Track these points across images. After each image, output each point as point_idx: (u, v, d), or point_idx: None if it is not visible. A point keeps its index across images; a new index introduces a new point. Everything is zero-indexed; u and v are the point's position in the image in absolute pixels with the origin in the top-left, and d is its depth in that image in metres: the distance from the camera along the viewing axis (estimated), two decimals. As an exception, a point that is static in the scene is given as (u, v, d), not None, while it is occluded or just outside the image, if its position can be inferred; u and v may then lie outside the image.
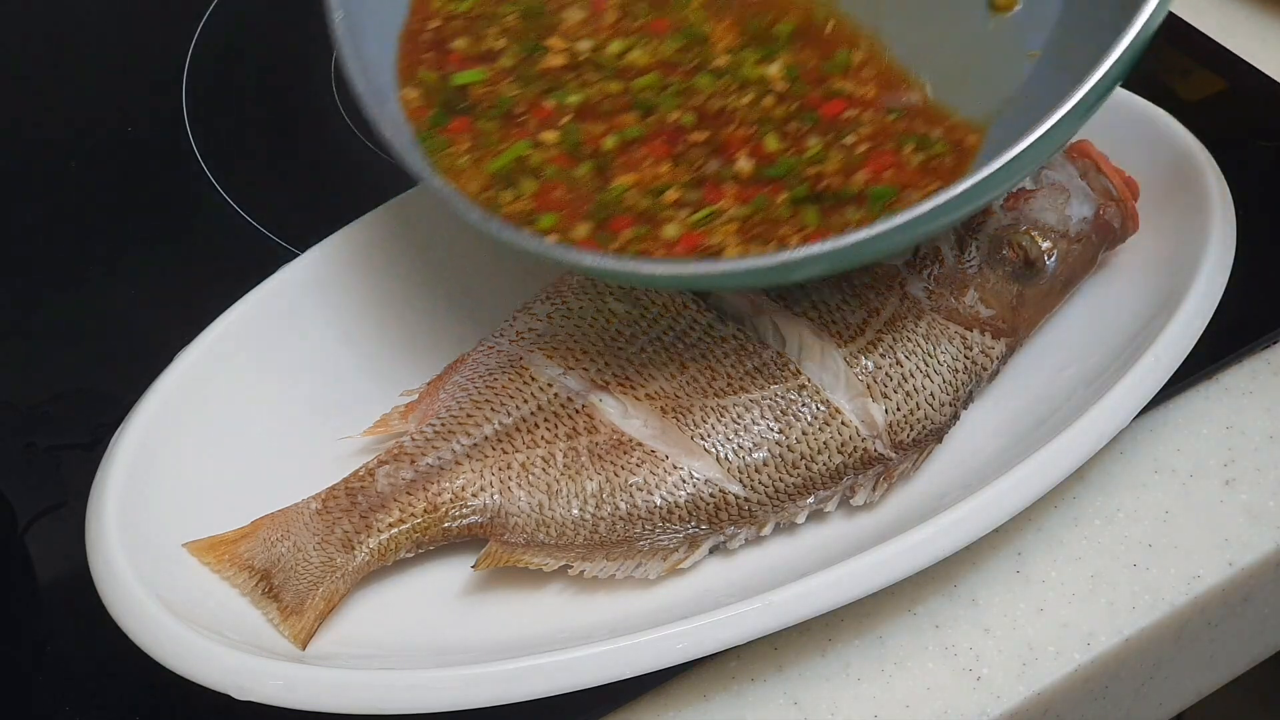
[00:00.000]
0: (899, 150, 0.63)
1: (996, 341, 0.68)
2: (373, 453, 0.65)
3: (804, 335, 0.65)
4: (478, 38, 0.67)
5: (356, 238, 0.72)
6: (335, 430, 0.68)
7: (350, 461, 0.66)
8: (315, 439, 0.68)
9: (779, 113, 0.64)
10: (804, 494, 0.65)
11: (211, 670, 0.57)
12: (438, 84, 0.65)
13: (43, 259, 0.81)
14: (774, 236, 0.61)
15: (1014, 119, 0.63)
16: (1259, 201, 0.72)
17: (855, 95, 0.65)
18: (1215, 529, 0.66)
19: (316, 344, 0.71)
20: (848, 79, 0.65)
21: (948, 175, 0.62)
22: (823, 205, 0.62)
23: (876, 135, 0.64)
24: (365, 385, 0.69)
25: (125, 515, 0.61)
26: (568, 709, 0.58)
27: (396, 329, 0.72)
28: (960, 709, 0.60)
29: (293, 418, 0.68)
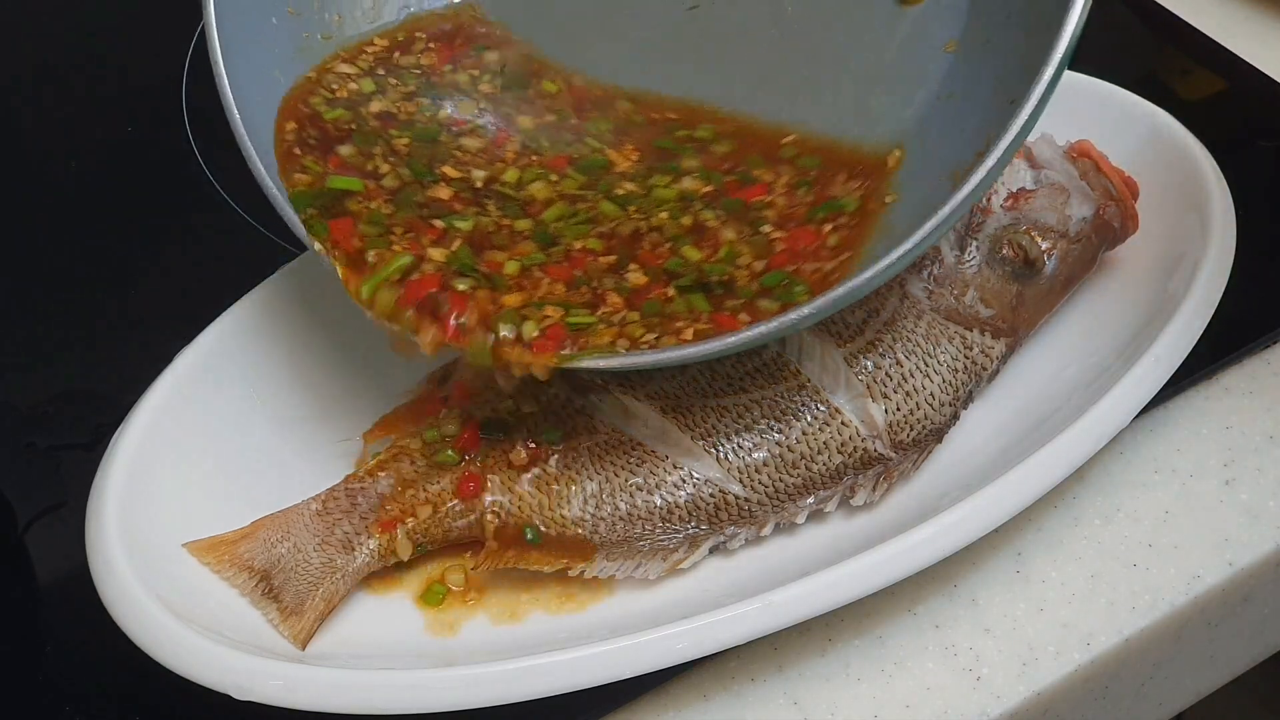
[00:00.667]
0: (815, 228, 0.62)
1: (996, 341, 0.68)
2: (373, 454, 0.65)
3: (804, 335, 0.65)
4: (364, 153, 0.65)
5: (356, 238, 0.72)
6: (335, 431, 0.68)
7: (350, 462, 0.66)
8: (315, 439, 0.68)
9: (701, 217, 0.63)
10: (804, 494, 0.65)
11: (211, 670, 0.57)
12: (316, 179, 0.63)
13: (43, 259, 0.81)
14: (670, 330, 0.59)
15: (942, 120, 0.63)
16: (1259, 201, 0.72)
17: (769, 180, 0.65)
18: (1215, 529, 0.66)
19: (316, 344, 0.71)
20: (763, 167, 0.65)
21: (855, 229, 0.61)
22: (711, 294, 0.60)
23: (786, 217, 0.63)
24: (365, 385, 0.69)
25: (125, 515, 0.61)
26: (568, 709, 0.58)
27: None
28: (960, 709, 0.60)
29: (293, 418, 0.68)
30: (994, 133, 0.56)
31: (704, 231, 0.63)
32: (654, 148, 0.67)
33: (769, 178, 0.65)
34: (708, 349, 0.57)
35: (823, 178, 0.64)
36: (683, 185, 0.65)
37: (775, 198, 0.64)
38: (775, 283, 0.60)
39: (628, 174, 0.66)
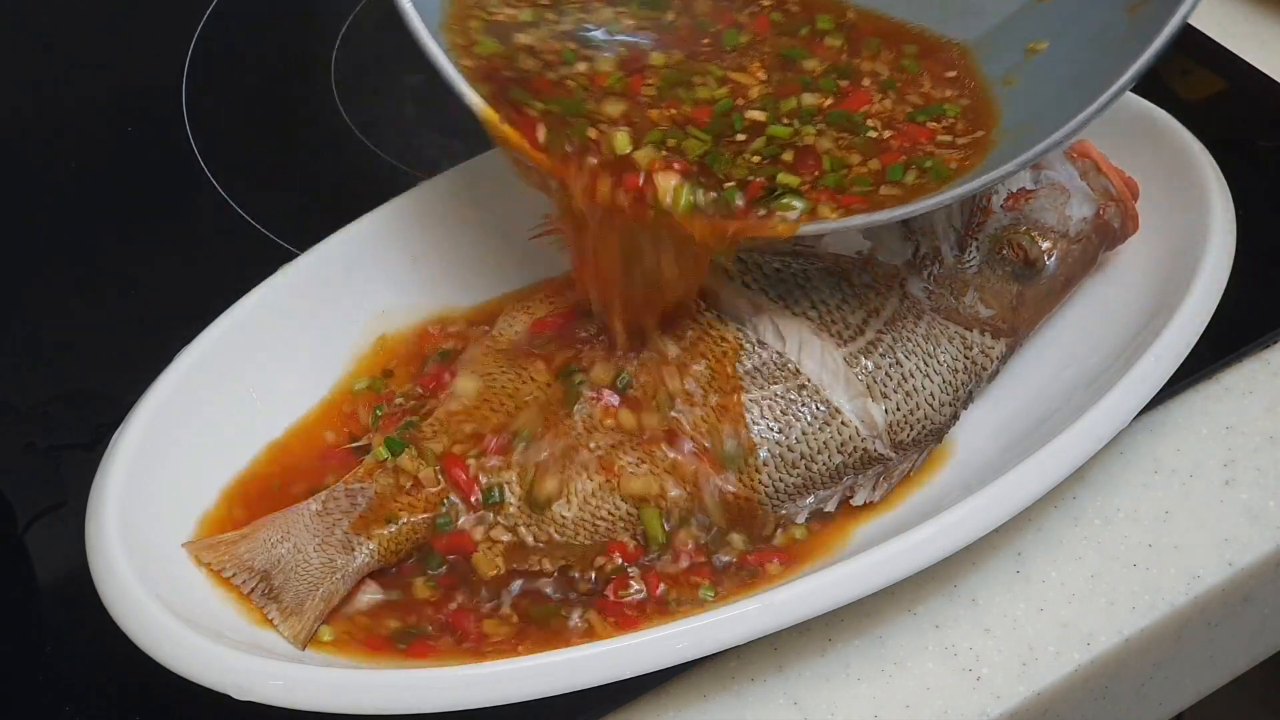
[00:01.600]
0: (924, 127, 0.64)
1: (996, 341, 0.68)
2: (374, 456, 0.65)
3: (804, 335, 0.65)
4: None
5: (356, 238, 0.72)
6: (335, 431, 0.68)
7: (350, 462, 0.66)
8: (315, 440, 0.68)
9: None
10: (804, 494, 0.65)
11: (211, 670, 0.57)
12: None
13: (43, 259, 0.81)
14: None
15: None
16: (1259, 201, 0.72)
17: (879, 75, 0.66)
18: (1215, 529, 0.66)
19: (316, 344, 0.71)
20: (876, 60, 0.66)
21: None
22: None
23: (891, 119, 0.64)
24: (365, 385, 0.70)
25: (125, 515, 0.61)
26: (568, 709, 0.58)
27: (396, 329, 0.72)
28: (960, 709, 0.60)
29: (293, 418, 0.68)
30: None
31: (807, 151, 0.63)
32: (780, 57, 0.67)
33: (872, 72, 0.66)
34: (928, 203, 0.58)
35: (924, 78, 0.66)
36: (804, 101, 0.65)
37: (878, 105, 0.65)
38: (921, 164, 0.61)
39: (755, 102, 0.65)
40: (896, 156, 0.62)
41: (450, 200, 0.74)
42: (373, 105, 0.88)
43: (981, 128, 0.63)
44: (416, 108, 0.89)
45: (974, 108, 0.64)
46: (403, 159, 0.84)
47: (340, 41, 0.93)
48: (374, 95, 0.89)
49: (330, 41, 0.92)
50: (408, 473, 0.63)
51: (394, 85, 0.90)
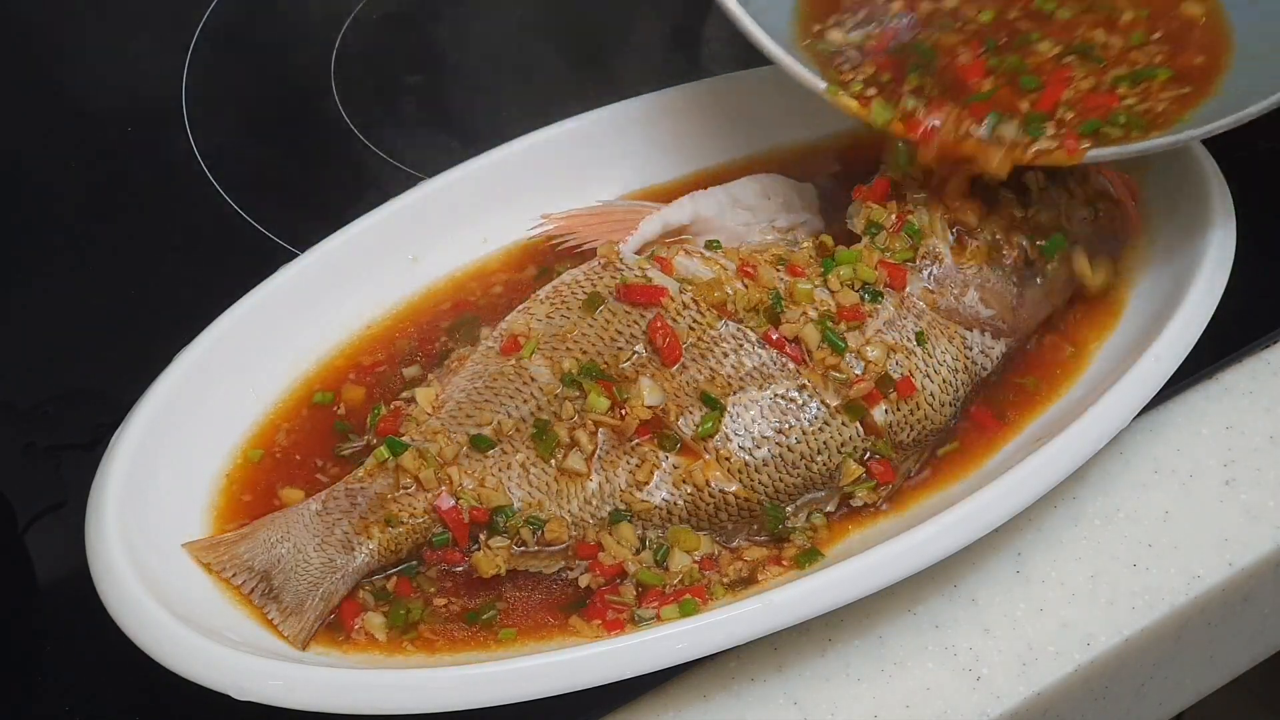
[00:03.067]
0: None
1: (996, 341, 0.68)
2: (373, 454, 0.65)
3: (804, 335, 0.65)
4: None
5: (356, 238, 0.72)
6: (335, 431, 0.68)
7: (350, 463, 0.66)
8: (315, 439, 0.68)
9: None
10: (804, 494, 0.65)
11: (211, 670, 0.57)
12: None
13: (43, 259, 0.81)
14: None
15: None
16: (1259, 201, 0.72)
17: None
18: (1215, 529, 0.66)
19: (316, 344, 0.71)
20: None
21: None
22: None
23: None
24: (365, 385, 0.70)
25: (125, 515, 0.61)
26: (568, 709, 0.58)
27: (396, 328, 0.72)
28: (960, 709, 0.60)
29: (293, 418, 0.68)
30: None
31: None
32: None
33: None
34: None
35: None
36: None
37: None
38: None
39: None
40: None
41: (450, 200, 0.74)
42: (373, 105, 0.88)
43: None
44: (416, 108, 0.89)
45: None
46: (403, 159, 0.84)
47: (340, 41, 0.93)
48: (374, 95, 0.89)
49: (330, 41, 0.92)
50: (409, 473, 0.63)
51: (394, 85, 0.90)
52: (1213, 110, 0.66)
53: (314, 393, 0.69)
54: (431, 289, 0.73)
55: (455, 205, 0.74)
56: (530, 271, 0.74)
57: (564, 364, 0.65)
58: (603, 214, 0.75)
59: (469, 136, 0.82)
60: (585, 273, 0.68)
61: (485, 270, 0.74)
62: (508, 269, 0.74)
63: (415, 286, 0.73)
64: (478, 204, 0.75)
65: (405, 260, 0.73)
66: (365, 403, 0.69)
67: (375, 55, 0.92)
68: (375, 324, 0.72)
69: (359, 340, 0.71)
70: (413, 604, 0.62)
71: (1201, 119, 0.66)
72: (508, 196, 0.75)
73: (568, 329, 0.66)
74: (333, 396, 0.69)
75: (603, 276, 0.68)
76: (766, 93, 0.77)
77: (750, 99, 0.78)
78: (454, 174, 0.75)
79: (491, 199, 0.75)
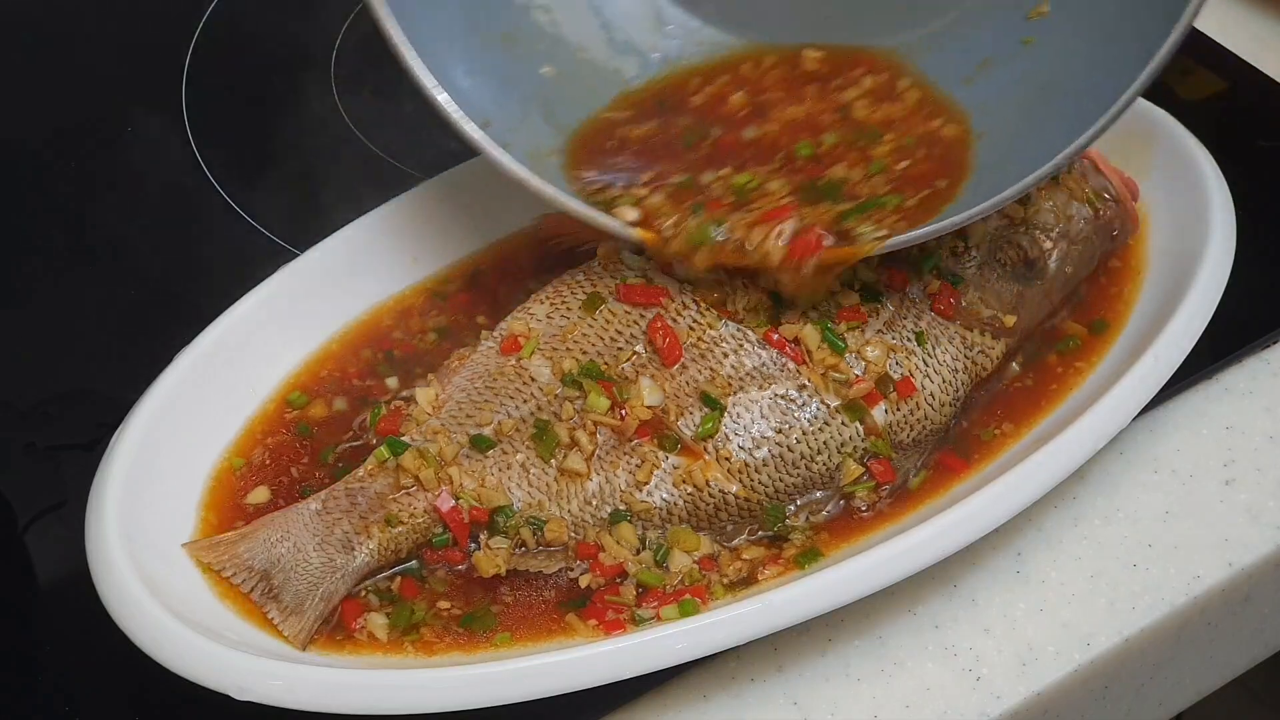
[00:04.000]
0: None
1: (996, 341, 0.68)
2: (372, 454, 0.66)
3: (804, 334, 0.65)
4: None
5: (356, 238, 0.72)
6: (334, 430, 0.68)
7: (350, 462, 0.66)
8: (315, 439, 0.68)
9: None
10: (804, 494, 0.65)
11: (211, 670, 0.57)
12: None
13: (43, 259, 0.81)
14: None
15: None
16: (1259, 201, 0.72)
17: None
18: (1215, 529, 0.66)
19: (316, 344, 0.71)
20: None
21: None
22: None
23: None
24: (365, 385, 0.70)
25: (125, 515, 0.61)
26: (568, 709, 0.58)
27: (396, 328, 0.72)
28: (960, 709, 0.60)
29: (292, 418, 0.68)
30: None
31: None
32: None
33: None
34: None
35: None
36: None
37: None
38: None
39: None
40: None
41: (450, 200, 0.74)
42: (373, 105, 0.88)
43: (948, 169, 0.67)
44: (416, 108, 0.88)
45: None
46: (403, 159, 0.84)
47: (340, 41, 0.93)
48: (374, 95, 0.89)
49: (330, 41, 0.92)
50: (409, 473, 0.63)
51: (394, 85, 0.90)
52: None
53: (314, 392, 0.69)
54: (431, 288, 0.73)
55: (456, 205, 0.74)
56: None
57: (564, 364, 0.65)
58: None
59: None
60: (585, 272, 0.68)
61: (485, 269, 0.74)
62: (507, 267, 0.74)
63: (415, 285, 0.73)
64: (478, 203, 0.75)
65: (406, 260, 0.73)
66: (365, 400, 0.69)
67: (375, 55, 0.92)
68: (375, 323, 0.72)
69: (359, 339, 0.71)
70: (417, 605, 0.62)
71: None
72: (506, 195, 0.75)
73: (568, 329, 0.66)
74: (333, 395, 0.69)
75: (603, 276, 0.68)
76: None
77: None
78: (454, 174, 0.75)
79: (491, 197, 0.75)
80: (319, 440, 0.68)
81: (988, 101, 0.68)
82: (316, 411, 0.69)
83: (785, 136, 0.70)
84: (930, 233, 0.63)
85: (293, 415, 0.68)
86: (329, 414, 0.69)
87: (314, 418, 0.68)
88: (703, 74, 0.74)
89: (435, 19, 0.68)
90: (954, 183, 0.66)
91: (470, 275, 0.74)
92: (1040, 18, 0.68)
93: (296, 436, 0.68)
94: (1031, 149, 0.62)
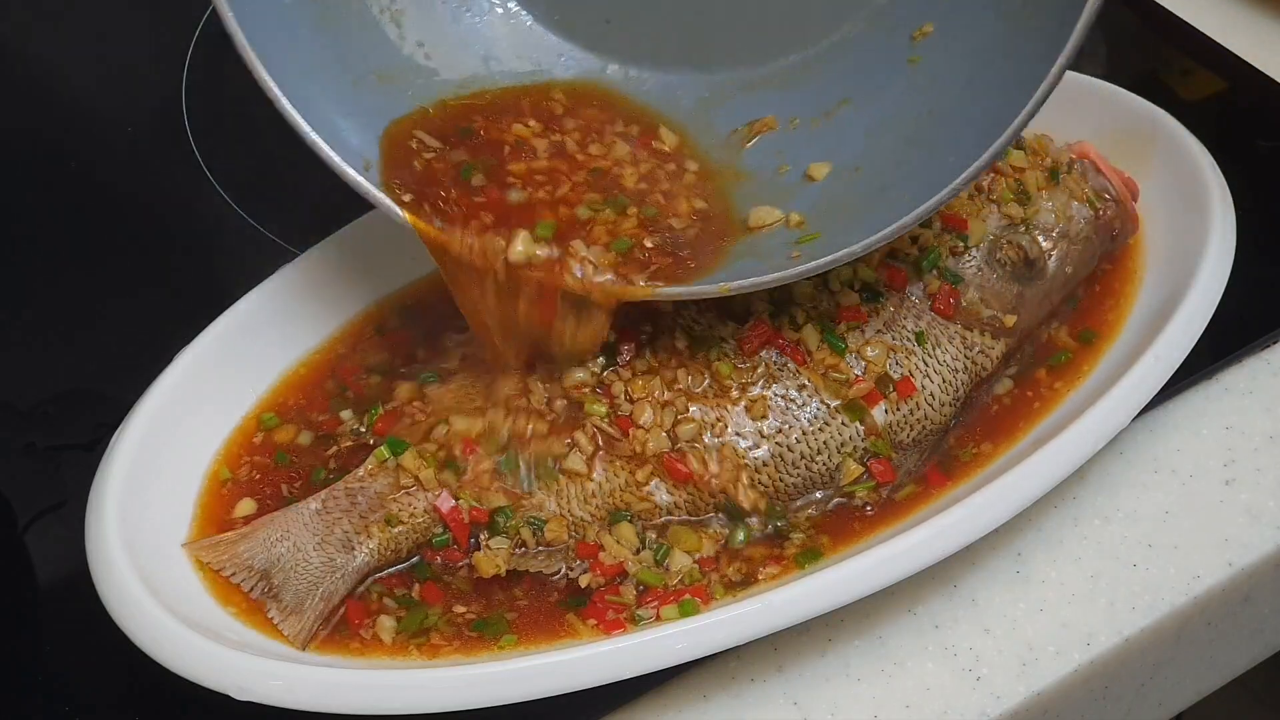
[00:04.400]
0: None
1: (996, 341, 0.68)
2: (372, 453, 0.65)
3: (805, 334, 0.65)
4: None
5: (356, 238, 0.72)
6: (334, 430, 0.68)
7: (350, 462, 0.66)
8: (315, 438, 0.68)
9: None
10: (804, 494, 0.65)
11: (211, 670, 0.57)
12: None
13: (43, 259, 0.82)
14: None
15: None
16: (1259, 201, 0.72)
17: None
18: (1215, 529, 0.66)
19: (316, 344, 0.71)
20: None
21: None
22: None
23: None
24: (365, 385, 0.70)
25: (125, 515, 0.61)
26: (568, 709, 0.58)
27: (396, 328, 0.72)
28: (960, 709, 0.60)
29: (292, 418, 0.68)
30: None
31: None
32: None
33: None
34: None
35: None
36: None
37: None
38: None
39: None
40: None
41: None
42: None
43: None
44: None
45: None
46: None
47: (340, 41, 0.92)
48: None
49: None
50: (409, 473, 0.63)
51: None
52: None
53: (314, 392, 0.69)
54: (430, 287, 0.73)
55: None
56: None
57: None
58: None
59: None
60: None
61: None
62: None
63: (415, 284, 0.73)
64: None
65: (406, 260, 0.73)
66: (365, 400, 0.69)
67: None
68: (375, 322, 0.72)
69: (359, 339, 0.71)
70: (431, 611, 0.61)
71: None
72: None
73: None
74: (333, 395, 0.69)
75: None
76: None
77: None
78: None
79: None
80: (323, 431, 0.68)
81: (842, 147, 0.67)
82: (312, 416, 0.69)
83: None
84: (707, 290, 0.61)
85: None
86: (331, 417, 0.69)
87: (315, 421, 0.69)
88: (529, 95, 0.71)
89: (302, 59, 0.66)
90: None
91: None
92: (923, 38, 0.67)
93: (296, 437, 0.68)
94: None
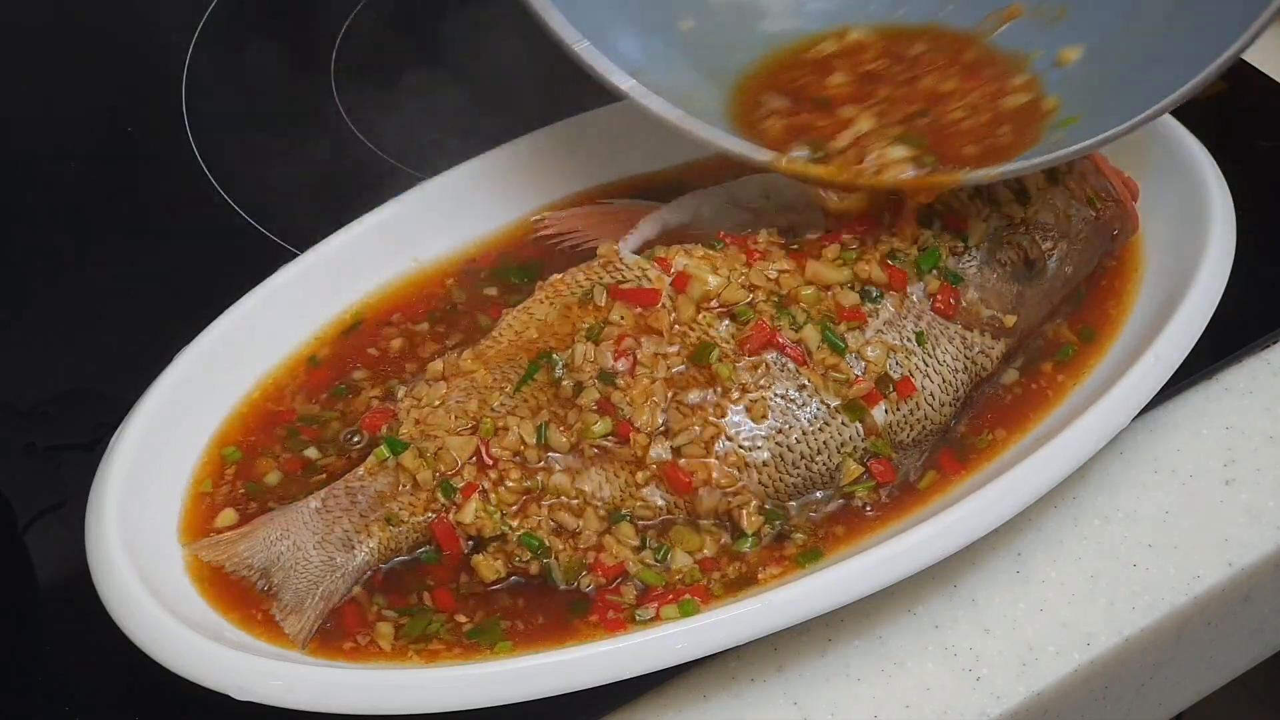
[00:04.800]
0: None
1: (996, 341, 0.68)
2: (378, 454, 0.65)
3: (805, 335, 0.65)
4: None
5: (356, 238, 0.72)
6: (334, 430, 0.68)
7: (350, 461, 0.66)
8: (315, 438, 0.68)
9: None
10: (804, 494, 0.65)
11: (211, 670, 0.57)
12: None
13: (43, 260, 0.81)
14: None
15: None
16: (1259, 201, 0.72)
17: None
18: (1215, 529, 0.66)
19: (316, 344, 0.71)
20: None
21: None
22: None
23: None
24: (364, 385, 0.70)
25: (125, 515, 0.61)
26: (568, 709, 0.58)
27: (396, 328, 0.72)
28: (960, 709, 0.60)
29: (292, 418, 0.68)
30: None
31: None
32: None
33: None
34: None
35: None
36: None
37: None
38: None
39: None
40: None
41: (450, 200, 0.74)
42: (373, 105, 0.88)
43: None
44: (416, 108, 0.89)
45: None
46: (403, 159, 0.84)
47: (340, 41, 0.93)
48: (374, 95, 0.89)
49: (330, 41, 0.92)
50: (409, 472, 0.63)
51: (394, 85, 0.90)
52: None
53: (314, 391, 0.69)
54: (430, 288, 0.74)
55: (457, 204, 0.74)
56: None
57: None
58: (603, 213, 0.75)
59: (468, 136, 0.82)
60: (584, 271, 0.68)
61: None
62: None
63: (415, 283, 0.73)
64: (478, 203, 0.75)
65: (406, 260, 0.73)
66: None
67: (375, 55, 0.92)
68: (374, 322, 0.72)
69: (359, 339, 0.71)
70: (435, 618, 0.61)
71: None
72: (506, 190, 0.75)
73: (566, 329, 0.66)
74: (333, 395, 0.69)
75: (602, 276, 0.68)
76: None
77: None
78: (455, 173, 0.75)
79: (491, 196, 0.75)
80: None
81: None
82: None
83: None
84: (1024, 167, 0.65)
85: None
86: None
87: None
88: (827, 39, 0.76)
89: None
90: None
91: (463, 271, 0.74)
92: None
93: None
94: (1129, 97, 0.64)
